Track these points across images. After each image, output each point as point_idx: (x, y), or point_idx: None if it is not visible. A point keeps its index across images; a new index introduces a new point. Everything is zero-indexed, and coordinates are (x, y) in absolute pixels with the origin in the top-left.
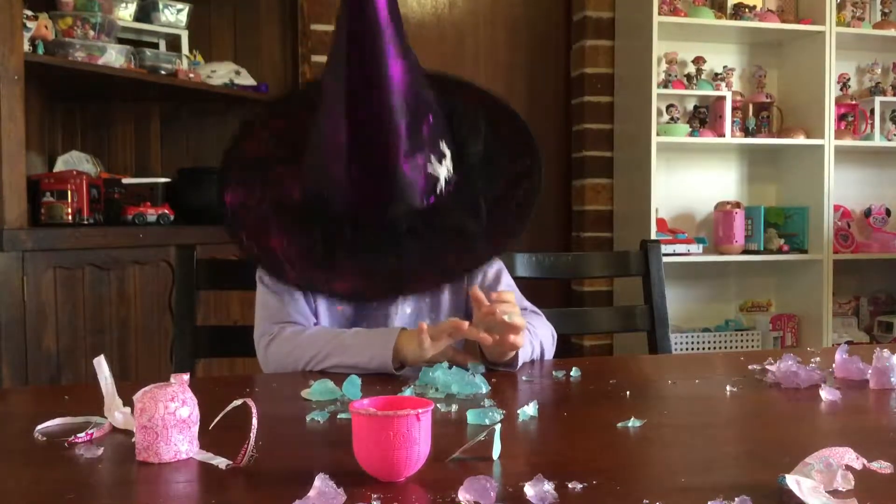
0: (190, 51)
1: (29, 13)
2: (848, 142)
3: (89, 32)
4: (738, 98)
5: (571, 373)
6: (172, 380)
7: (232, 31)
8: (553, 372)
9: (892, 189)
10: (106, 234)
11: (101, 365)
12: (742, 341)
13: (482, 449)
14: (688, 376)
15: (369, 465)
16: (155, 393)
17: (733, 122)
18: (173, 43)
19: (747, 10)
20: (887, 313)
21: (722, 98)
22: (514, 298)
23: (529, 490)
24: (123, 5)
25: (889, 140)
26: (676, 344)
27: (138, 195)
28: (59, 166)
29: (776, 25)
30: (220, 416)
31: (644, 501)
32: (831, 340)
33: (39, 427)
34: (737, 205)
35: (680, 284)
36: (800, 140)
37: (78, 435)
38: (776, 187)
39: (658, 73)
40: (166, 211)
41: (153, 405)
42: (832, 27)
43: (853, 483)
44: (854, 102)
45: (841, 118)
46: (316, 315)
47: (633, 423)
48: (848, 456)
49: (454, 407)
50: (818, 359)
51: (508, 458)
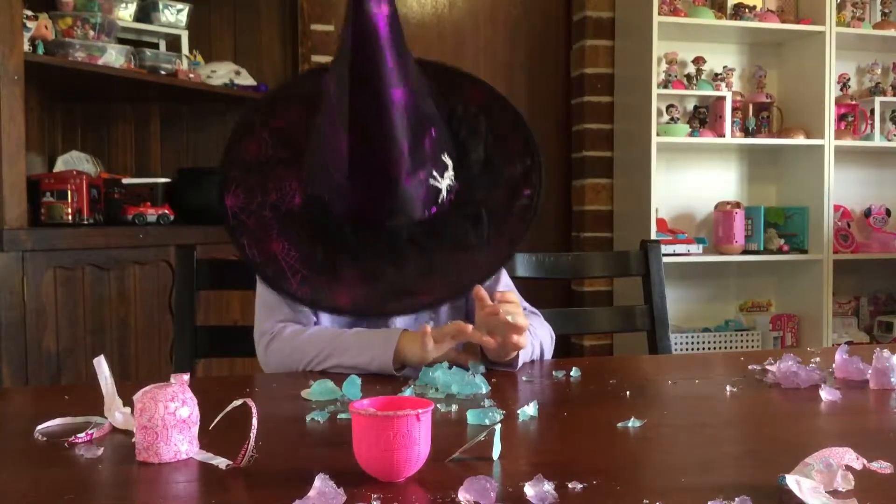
0: (190, 51)
1: (29, 13)
2: (848, 142)
3: (89, 32)
4: (738, 98)
5: (571, 373)
6: (172, 380)
7: (232, 31)
8: (553, 372)
9: (892, 189)
10: (106, 234)
11: (101, 365)
12: (742, 341)
13: (482, 449)
14: (688, 376)
15: (369, 465)
16: (155, 393)
17: (733, 123)
18: (173, 43)
19: (747, 11)
20: (887, 313)
21: (722, 98)
22: (516, 300)
23: (529, 490)
24: (123, 5)
25: (889, 140)
26: (676, 344)
27: (138, 195)
28: (59, 166)
29: (776, 25)
30: (220, 416)
31: (644, 501)
32: (831, 340)
33: (39, 427)
34: (737, 205)
35: (680, 284)
36: (800, 140)
37: (78, 435)
38: (776, 187)
39: (658, 73)
40: (166, 211)
41: (153, 405)
42: (832, 27)
43: (853, 483)
44: (854, 102)
45: (841, 118)
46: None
47: (633, 423)
48: (848, 456)
49: (454, 407)
50: (818, 359)
51: (508, 458)
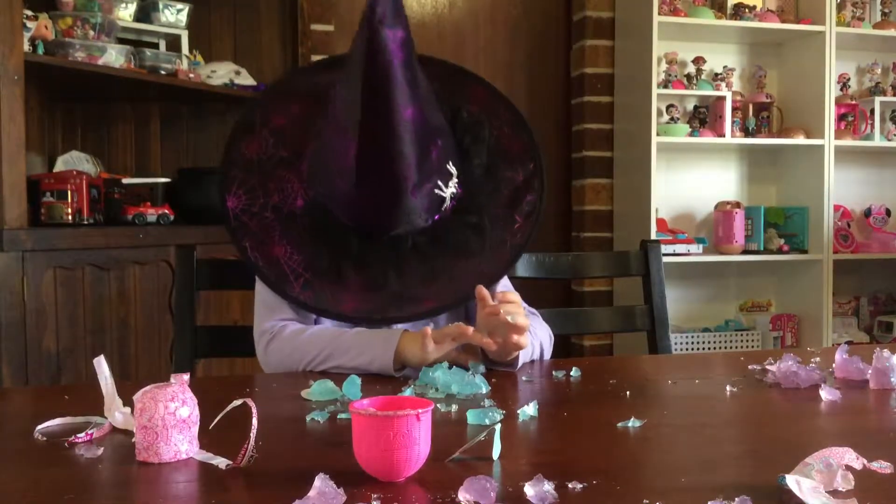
0: (190, 51)
1: (29, 13)
2: (848, 142)
3: (89, 32)
4: (738, 98)
5: (571, 373)
6: (172, 380)
7: (232, 31)
8: (553, 372)
9: (892, 189)
10: (106, 234)
11: (101, 365)
12: (742, 341)
13: (482, 449)
14: (688, 376)
15: (369, 465)
16: (155, 393)
17: (733, 122)
18: (173, 43)
19: (747, 11)
20: (887, 313)
21: (722, 98)
22: (517, 300)
23: (529, 490)
24: (123, 5)
25: (889, 140)
26: (676, 344)
27: (138, 195)
28: (59, 166)
29: (776, 25)
30: (220, 416)
31: (644, 501)
32: (831, 340)
33: (39, 427)
34: (737, 205)
35: (680, 284)
36: (800, 140)
37: (78, 435)
38: (776, 187)
39: (658, 73)
40: (166, 211)
41: (153, 405)
42: (832, 27)
43: (853, 483)
44: (854, 102)
45: (841, 118)
46: None
47: (633, 423)
48: (848, 456)
49: (454, 407)
50: (818, 359)
51: (508, 458)
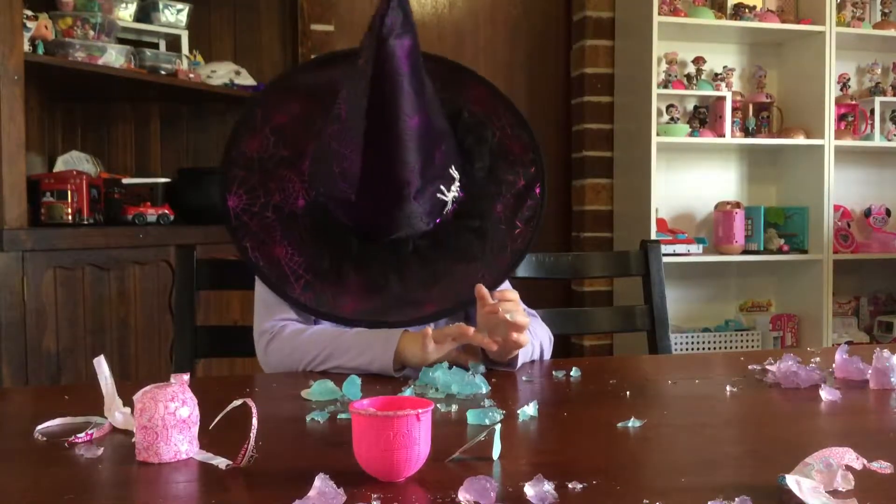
0: (190, 51)
1: (29, 13)
2: (848, 142)
3: (89, 32)
4: (738, 98)
5: (571, 373)
6: (172, 380)
7: (232, 31)
8: (553, 372)
9: (892, 189)
10: (106, 234)
11: (101, 365)
12: (742, 341)
13: (482, 449)
14: (688, 376)
15: (369, 465)
16: (155, 393)
17: (733, 123)
18: (173, 43)
19: (747, 11)
20: (887, 313)
21: (722, 98)
22: (516, 298)
23: (529, 490)
24: (123, 5)
25: (889, 140)
26: (676, 344)
27: (138, 195)
28: (59, 166)
29: (776, 25)
30: (220, 416)
31: (644, 501)
32: (831, 340)
33: (39, 427)
34: (737, 205)
35: (680, 284)
36: (800, 140)
37: (78, 435)
38: (776, 187)
39: (658, 73)
40: (166, 211)
41: (153, 405)
42: (832, 27)
43: (853, 483)
44: (854, 102)
45: (841, 118)
46: None
47: (633, 423)
48: (848, 456)
49: (454, 407)
50: (818, 359)
51: (508, 458)
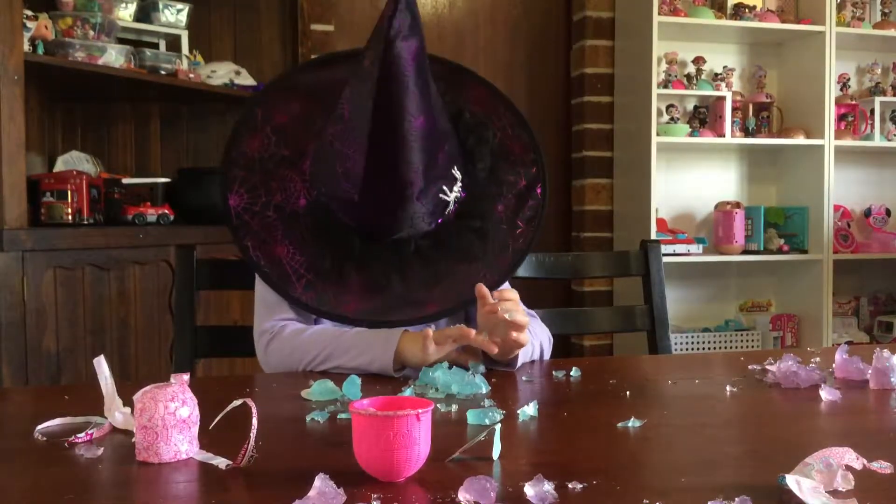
0: (190, 51)
1: (29, 13)
2: (848, 142)
3: (89, 32)
4: (738, 98)
5: (571, 373)
6: (172, 380)
7: (232, 31)
8: (553, 372)
9: (892, 189)
10: (106, 234)
11: (101, 365)
12: (742, 341)
13: (482, 449)
14: (688, 376)
15: (369, 465)
16: (155, 393)
17: (733, 122)
18: (173, 43)
19: (747, 10)
20: (887, 313)
21: (722, 98)
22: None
23: (529, 490)
24: (123, 5)
25: (889, 140)
26: (676, 344)
27: (138, 195)
28: (59, 166)
29: (776, 25)
30: (220, 416)
31: (644, 501)
32: (831, 340)
33: (39, 427)
34: (737, 205)
35: (680, 284)
36: (800, 140)
37: (78, 435)
38: (776, 187)
39: (658, 73)
40: (166, 211)
41: (153, 405)
42: (832, 27)
43: (853, 483)
44: (854, 102)
45: (841, 118)
46: None
47: (633, 423)
48: (848, 456)
49: (454, 407)
50: (818, 359)
51: (508, 458)
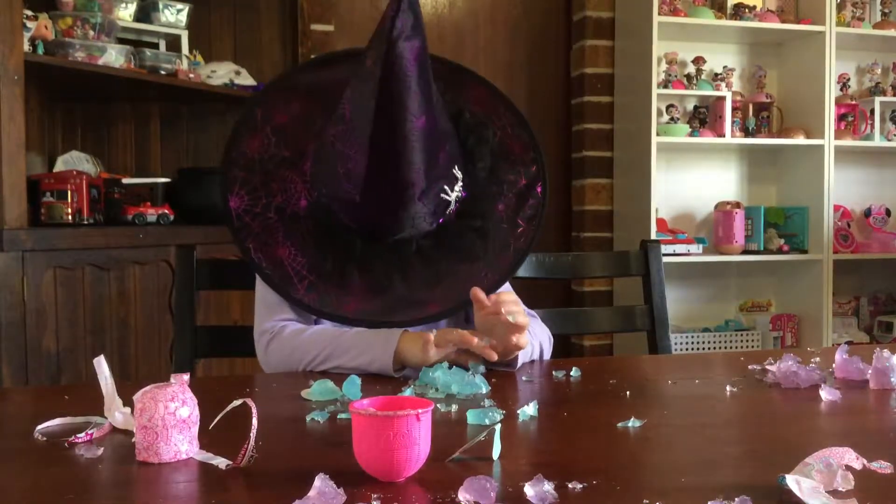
0: (190, 51)
1: (29, 13)
2: (848, 142)
3: (89, 32)
4: (738, 98)
5: (571, 373)
6: (172, 380)
7: (232, 31)
8: (553, 372)
9: (892, 189)
10: (106, 234)
11: (101, 365)
12: (742, 341)
13: (482, 449)
14: (688, 376)
15: (369, 465)
16: (155, 393)
17: (733, 122)
18: (173, 43)
19: (747, 11)
20: (887, 313)
21: (722, 98)
22: (515, 298)
23: (529, 490)
24: (123, 5)
25: (889, 140)
26: (676, 344)
27: (138, 195)
28: (59, 166)
29: (776, 25)
30: (220, 416)
31: (644, 501)
32: (831, 340)
33: (39, 427)
34: (737, 205)
35: (680, 284)
36: (800, 140)
37: (78, 435)
38: (776, 187)
39: (658, 73)
40: (166, 211)
41: (153, 405)
42: (832, 27)
43: (853, 483)
44: (854, 102)
45: (841, 118)
46: None
47: (633, 423)
48: (848, 456)
49: (454, 407)
50: (818, 359)
51: (508, 458)
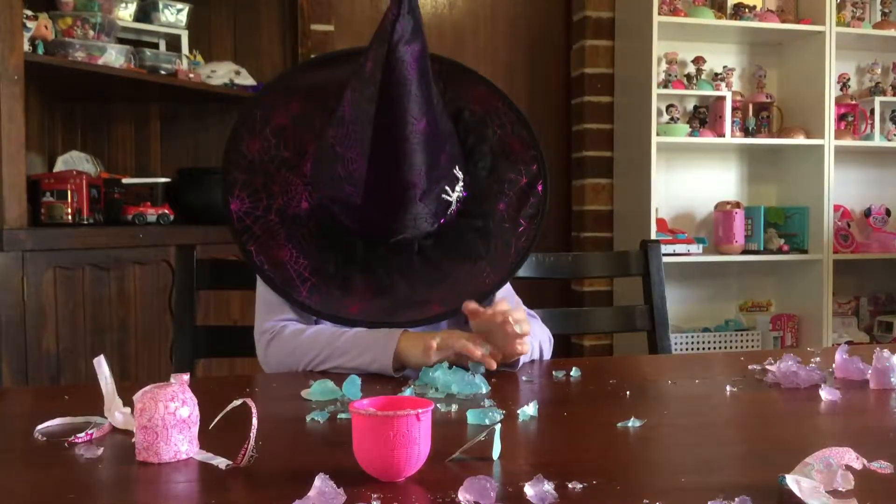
0: (190, 51)
1: (29, 13)
2: (848, 142)
3: (89, 32)
4: (738, 98)
5: (571, 373)
6: (172, 380)
7: (232, 31)
8: (553, 372)
9: (892, 189)
10: (106, 234)
11: (101, 365)
12: (742, 341)
13: (482, 449)
14: (688, 376)
15: (369, 465)
16: (155, 393)
17: (733, 122)
18: (173, 43)
19: (747, 10)
20: (887, 313)
21: (722, 98)
22: (513, 305)
23: (529, 490)
24: (123, 5)
25: (889, 140)
26: (676, 344)
27: (138, 195)
28: (59, 166)
29: (776, 25)
30: (220, 416)
31: (644, 501)
32: (831, 340)
33: (39, 427)
34: (737, 205)
35: (680, 284)
36: (800, 140)
37: (78, 435)
38: (776, 187)
39: (658, 73)
40: (166, 211)
41: (153, 405)
42: (832, 27)
43: (853, 483)
44: (854, 102)
45: (841, 118)
46: None
47: (633, 423)
48: (848, 456)
49: (454, 407)
50: (818, 359)
51: (508, 458)
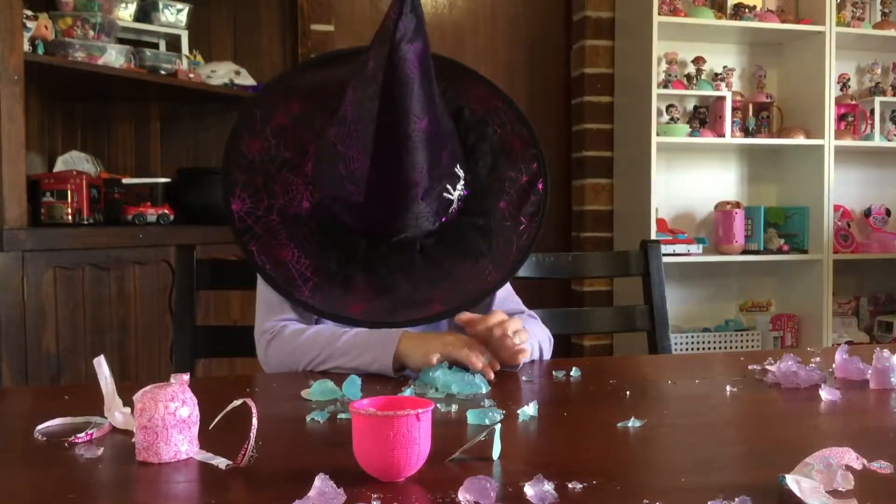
0: (190, 51)
1: (29, 13)
2: (848, 142)
3: (89, 32)
4: (738, 98)
5: (571, 373)
6: (172, 380)
7: (232, 31)
8: (553, 372)
9: (892, 189)
10: (106, 234)
11: (101, 365)
12: (742, 341)
13: (482, 449)
14: (688, 376)
15: (369, 465)
16: (155, 393)
17: (733, 123)
18: (173, 43)
19: (747, 10)
20: (887, 313)
21: (722, 98)
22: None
23: (529, 490)
24: (123, 5)
25: (889, 140)
26: (676, 344)
27: (138, 195)
28: (59, 166)
29: (776, 25)
30: (220, 416)
31: (644, 501)
32: (831, 340)
33: (39, 427)
34: (737, 205)
35: (680, 284)
36: (800, 140)
37: (78, 435)
38: (776, 187)
39: (658, 73)
40: (166, 211)
41: (153, 405)
42: (832, 27)
43: (853, 483)
44: (854, 102)
45: (841, 118)
46: None
47: (633, 423)
48: (848, 456)
49: (454, 407)
50: (818, 359)
51: (508, 458)
